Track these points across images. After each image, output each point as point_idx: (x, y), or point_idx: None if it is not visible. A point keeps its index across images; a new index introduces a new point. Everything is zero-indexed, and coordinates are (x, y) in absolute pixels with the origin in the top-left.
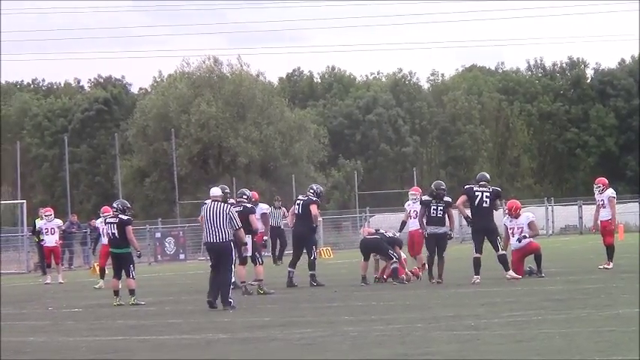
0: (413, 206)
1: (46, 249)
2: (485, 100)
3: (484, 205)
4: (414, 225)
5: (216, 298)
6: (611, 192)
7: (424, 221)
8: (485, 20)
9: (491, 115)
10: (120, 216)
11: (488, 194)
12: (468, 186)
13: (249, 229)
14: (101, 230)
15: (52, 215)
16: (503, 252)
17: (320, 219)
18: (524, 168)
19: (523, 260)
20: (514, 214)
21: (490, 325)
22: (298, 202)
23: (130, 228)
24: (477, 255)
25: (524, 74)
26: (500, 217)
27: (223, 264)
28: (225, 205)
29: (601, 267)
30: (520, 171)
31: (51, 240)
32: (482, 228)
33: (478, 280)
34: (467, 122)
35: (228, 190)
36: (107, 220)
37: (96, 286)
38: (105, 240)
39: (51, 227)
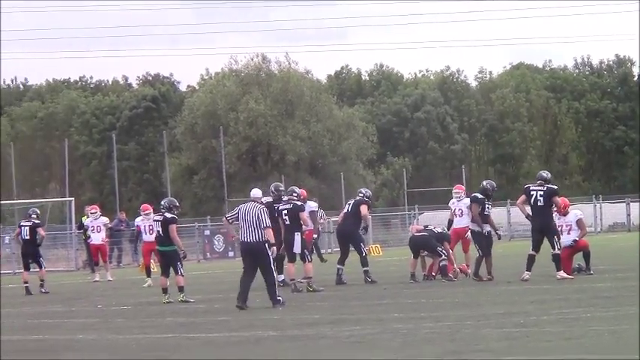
0: (457, 204)
1: (92, 247)
2: (533, 97)
3: (539, 203)
4: (459, 223)
5: (245, 302)
6: None
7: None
8: (533, 18)
9: (539, 113)
10: (165, 214)
11: (542, 193)
12: (526, 185)
13: (298, 226)
14: (142, 228)
15: (98, 213)
16: (558, 252)
17: (369, 217)
18: (573, 165)
19: (572, 258)
20: (562, 211)
21: (539, 323)
22: (349, 202)
23: (173, 227)
24: (532, 252)
25: (571, 72)
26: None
27: (262, 265)
28: (258, 205)
29: None
30: (568, 168)
31: (97, 238)
32: (538, 226)
33: (527, 277)
34: (515, 120)
35: (282, 188)
36: (154, 218)
37: (144, 285)
38: (145, 237)
39: (97, 225)
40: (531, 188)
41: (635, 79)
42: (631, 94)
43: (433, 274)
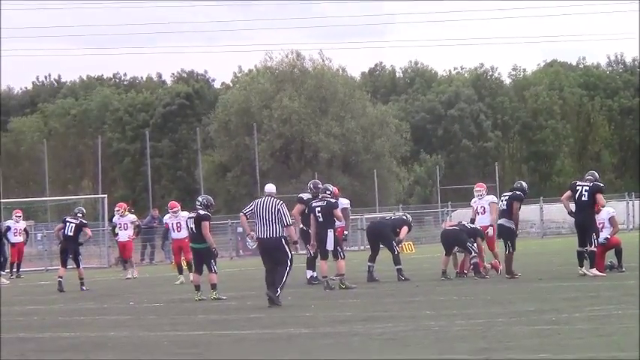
0: (479, 202)
1: (119, 244)
2: (567, 95)
3: (583, 198)
4: (481, 221)
5: (275, 292)
6: None
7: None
8: (567, 16)
9: (573, 111)
10: (199, 211)
11: (587, 188)
12: (574, 181)
13: (331, 223)
14: (170, 225)
15: (124, 210)
16: (594, 249)
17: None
18: (605, 163)
19: (604, 255)
20: (595, 209)
21: (571, 320)
22: (391, 216)
23: (206, 224)
24: (578, 248)
25: (604, 70)
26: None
27: (277, 260)
28: (276, 200)
29: None
30: (601, 166)
31: (123, 235)
32: (578, 221)
33: (581, 272)
34: (548, 117)
35: (321, 186)
36: (189, 215)
37: (177, 282)
38: (174, 235)
39: (124, 222)
40: (578, 184)
41: None
42: None
43: (465, 271)
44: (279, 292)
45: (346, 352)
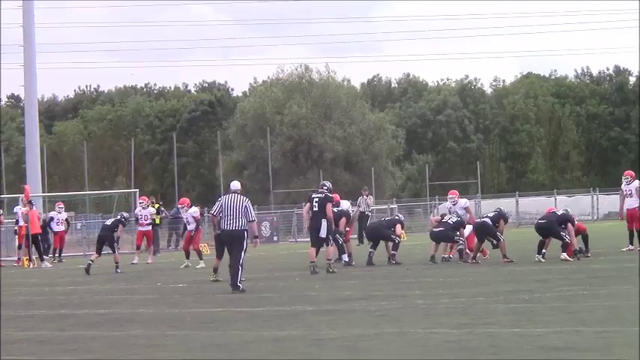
0: (454, 208)
1: (139, 232)
2: (540, 102)
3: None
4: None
5: (237, 282)
6: (638, 183)
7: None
8: (541, 34)
9: (545, 116)
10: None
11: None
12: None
13: (324, 214)
14: (184, 219)
15: (145, 203)
16: (568, 241)
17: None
18: (574, 162)
19: (573, 242)
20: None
21: (543, 299)
22: (386, 218)
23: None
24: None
25: (573, 80)
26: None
27: (236, 250)
28: (242, 197)
29: (625, 249)
30: (570, 165)
31: (144, 225)
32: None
33: (536, 259)
34: (524, 122)
35: (327, 185)
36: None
37: (181, 266)
38: (189, 227)
39: (144, 214)
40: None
41: (630, 86)
42: (626, 100)
43: (451, 256)
44: (240, 285)
45: (346, 327)
